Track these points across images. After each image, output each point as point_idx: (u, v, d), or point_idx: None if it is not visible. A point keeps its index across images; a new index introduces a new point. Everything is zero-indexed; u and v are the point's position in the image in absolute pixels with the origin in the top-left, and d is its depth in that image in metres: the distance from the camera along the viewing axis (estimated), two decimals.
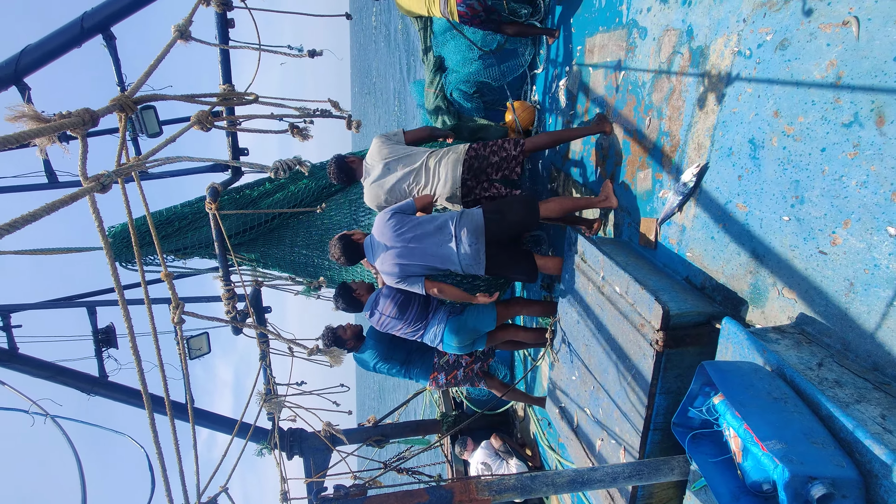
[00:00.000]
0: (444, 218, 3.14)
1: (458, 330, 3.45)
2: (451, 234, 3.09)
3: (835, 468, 1.25)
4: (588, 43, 3.47)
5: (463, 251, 3.08)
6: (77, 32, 4.05)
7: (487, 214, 3.11)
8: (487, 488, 2.07)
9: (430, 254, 3.12)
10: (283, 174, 2.02)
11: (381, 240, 3.16)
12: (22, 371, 4.36)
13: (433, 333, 3.49)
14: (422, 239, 3.11)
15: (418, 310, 3.49)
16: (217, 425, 4.73)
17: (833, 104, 1.73)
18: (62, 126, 0.96)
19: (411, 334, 3.54)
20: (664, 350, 2.14)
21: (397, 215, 3.16)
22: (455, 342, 3.46)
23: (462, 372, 3.87)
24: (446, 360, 3.85)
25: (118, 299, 1.38)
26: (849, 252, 1.68)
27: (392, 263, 3.13)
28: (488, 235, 3.10)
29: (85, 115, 0.98)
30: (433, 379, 3.83)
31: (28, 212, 0.87)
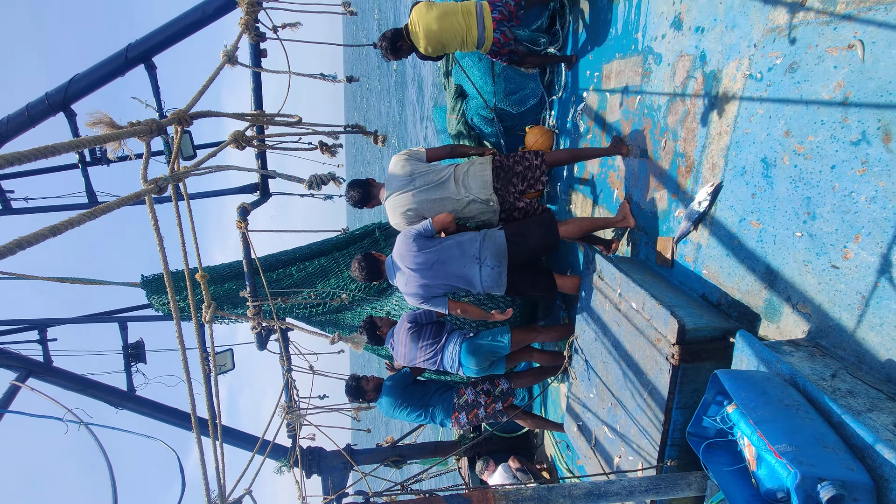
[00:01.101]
0: (467, 239, 3.22)
1: (475, 351, 3.52)
2: (476, 256, 3.17)
3: (845, 471, 1.28)
4: (605, 69, 3.58)
5: (486, 273, 3.16)
6: (122, 62, 4.32)
7: (509, 237, 3.19)
8: (505, 498, 2.10)
9: (454, 275, 3.20)
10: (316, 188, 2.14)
11: (403, 263, 3.23)
12: (54, 383, 4.52)
13: (450, 357, 3.56)
14: (445, 261, 3.19)
15: (432, 334, 3.57)
16: (241, 442, 4.82)
17: (841, 123, 1.79)
18: (133, 133, 1.08)
19: (431, 361, 3.62)
20: (680, 364, 2.17)
21: (419, 239, 3.22)
22: (473, 364, 3.52)
23: (483, 411, 3.88)
24: (465, 400, 3.85)
25: (174, 324, 1.49)
26: (860, 266, 1.72)
27: (416, 285, 3.21)
28: (510, 258, 3.18)
29: (152, 125, 1.11)
30: (455, 419, 3.86)
31: (92, 209, 0.98)
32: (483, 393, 3.86)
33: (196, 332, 1.71)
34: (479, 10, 3.68)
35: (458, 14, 3.64)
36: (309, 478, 5.10)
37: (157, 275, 4.32)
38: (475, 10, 3.68)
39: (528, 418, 4.33)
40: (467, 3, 3.70)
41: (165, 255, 1.27)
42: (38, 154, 0.80)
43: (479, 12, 3.68)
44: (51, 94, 4.15)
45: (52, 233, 0.87)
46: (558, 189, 4.57)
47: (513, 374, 4.06)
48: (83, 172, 4.49)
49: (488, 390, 3.87)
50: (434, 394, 3.92)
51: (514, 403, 4.38)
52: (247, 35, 3.05)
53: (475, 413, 3.83)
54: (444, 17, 3.61)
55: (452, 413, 3.85)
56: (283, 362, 4.05)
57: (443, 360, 3.60)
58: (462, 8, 3.65)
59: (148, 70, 4.38)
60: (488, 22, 3.64)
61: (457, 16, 3.64)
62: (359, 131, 3.11)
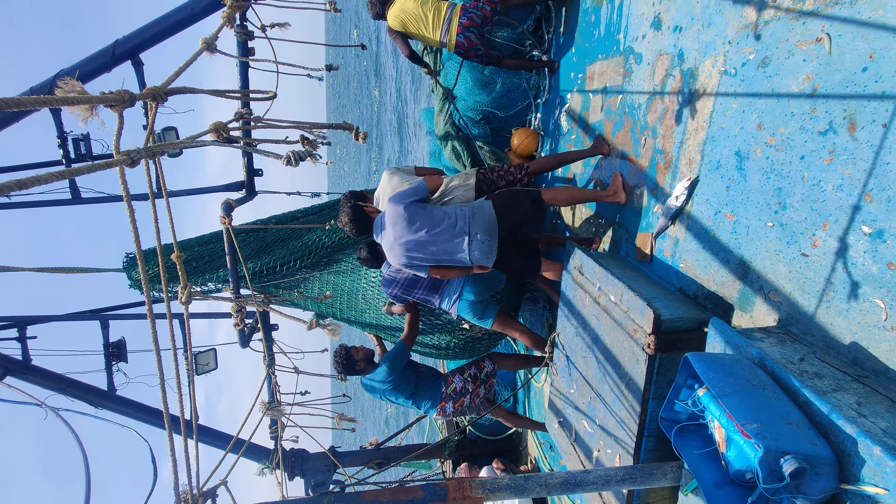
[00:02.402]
0: (455, 213, 3.20)
1: (476, 279, 3.59)
2: (465, 231, 3.16)
3: (808, 445, 1.30)
4: (588, 70, 3.64)
5: (476, 247, 3.15)
6: (108, 59, 4.32)
7: (497, 209, 3.18)
8: (481, 486, 2.10)
9: (441, 250, 3.19)
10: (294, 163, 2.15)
11: (393, 230, 3.20)
12: (34, 382, 4.46)
13: (450, 297, 3.62)
14: (435, 236, 3.16)
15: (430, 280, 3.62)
16: (219, 441, 4.77)
17: (810, 114, 1.84)
18: (104, 100, 1.09)
19: (429, 291, 3.66)
20: (656, 354, 2.19)
21: (411, 206, 3.18)
22: (473, 291, 3.57)
23: (469, 398, 3.90)
24: (453, 389, 3.89)
25: (147, 312, 1.49)
26: (828, 253, 1.76)
27: (401, 254, 3.21)
28: (499, 231, 3.18)
29: (124, 95, 1.12)
30: (441, 409, 3.87)
31: (59, 170, 0.98)
32: (470, 379, 3.88)
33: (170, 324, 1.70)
34: (448, 13, 3.79)
35: (431, 10, 3.80)
36: (291, 480, 5.05)
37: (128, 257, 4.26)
38: (445, 12, 3.80)
39: (511, 417, 4.34)
40: (442, 3, 3.83)
41: (137, 227, 1.27)
42: (1, 105, 0.81)
43: (447, 15, 3.79)
44: (36, 88, 4.14)
45: (18, 186, 0.88)
46: None
47: (496, 356, 4.08)
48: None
49: (475, 375, 3.91)
50: (424, 382, 3.93)
51: (499, 403, 4.39)
52: (228, 28, 3.06)
53: (461, 402, 3.85)
54: (421, 4, 3.83)
55: (440, 402, 3.86)
56: (266, 358, 4.03)
57: (446, 290, 3.64)
58: (436, 6, 3.75)
59: (135, 66, 4.38)
60: (453, 26, 3.78)
61: (429, 9, 3.81)
62: (340, 127, 3.13)
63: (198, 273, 4.28)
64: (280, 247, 4.37)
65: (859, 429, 1.29)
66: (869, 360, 1.60)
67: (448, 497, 2.08)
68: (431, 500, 2.09)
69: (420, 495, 2.09)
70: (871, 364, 1.60)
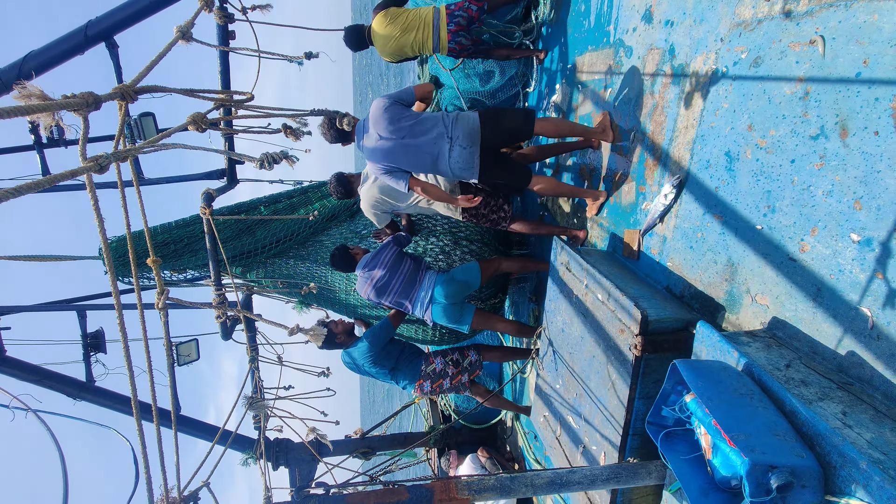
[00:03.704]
0: (440, 117, 3.10)
1: (448, 281, 3.56)
2: (447, 135, 3.04)
3: (795, 458, 1.30)
4: (578, 61, 3.59)
5: (456, 154, 3.04)
6: (81, 40, 4.14)
7: (483, 119, 3.06)
8: (467, 487, 2.10)
9: (423, 152, 3.07)
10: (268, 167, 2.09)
11: (375, 129, 3.08)
12: (8, 374, 4.35)
13: (425, 291, 3.58)
14: (417, 136, 3.04)
15: (411, 266, 3.59)
16: (201, 433, 4.72)
17: (802, 118, 1.82)
18: (66, 105, 1.02)
19: (402, 295, 3.61)
20: (643, 355, 2.19)
21: (395, 105, 3.06)
22: (444, 295, 3.53)
23: (448, 382, 3.89)
24: (433, 369, 3.88)
25: (114, 303, 1.42)
26: (816, 258, 1.75)
27: (382, 156, 3.11)
28: (483, 141, 3.05)
29: (88, 98, 1.05)
30: (419, 386, 3.86)
31: (17, 185, 0.92)
32: (451, 363, 3.87)
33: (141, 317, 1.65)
34: (435, 21, 3.70)
35: (414, 30, 3.73)
36: (276, 469, 5.03)
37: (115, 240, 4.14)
38: (432, 21, 3.70)
39: (494, 400, 4.34)
40: (424, 14, 3.71)
41: (107, 238, 1.21)
42: None
43: (435, 23, 3.70)
44: (4, 70, 3.96)
45: None
46: None
47: (482, 347, 4.07)
48: (39, 153, 4.31)
49: (457, 360, 3.90)
50: (405, 358, 3.90)
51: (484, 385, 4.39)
52: (206, 12, 2.94)
53: (440, 383, 3.83)
54: (401, 36, 3.74)
55: (417, 380, 3.84)
56: (249, 352, 3.97)
57: (417, 294, 3.61)
58: (418, 21, 3.65)
59: (109, 49, 4.21)
60: (443, 34, 3.73)
61: (412, 32, 3.73)
62: (323, 114, 3.05)
63: (176, 257, 4.19)
64: (262, 228, 4.29)
65: (845, 441, 1.29)
66: (854, 368, 1.61)
67: (434, 498, 2.08)
68: (417, 501, 2.08)
69: (406, 497, 2.08)
70: (855, 371, 1.60)
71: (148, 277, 4.29)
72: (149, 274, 4.26)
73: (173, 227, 4.13)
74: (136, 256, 1.80)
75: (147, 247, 1.80)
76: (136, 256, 1.70)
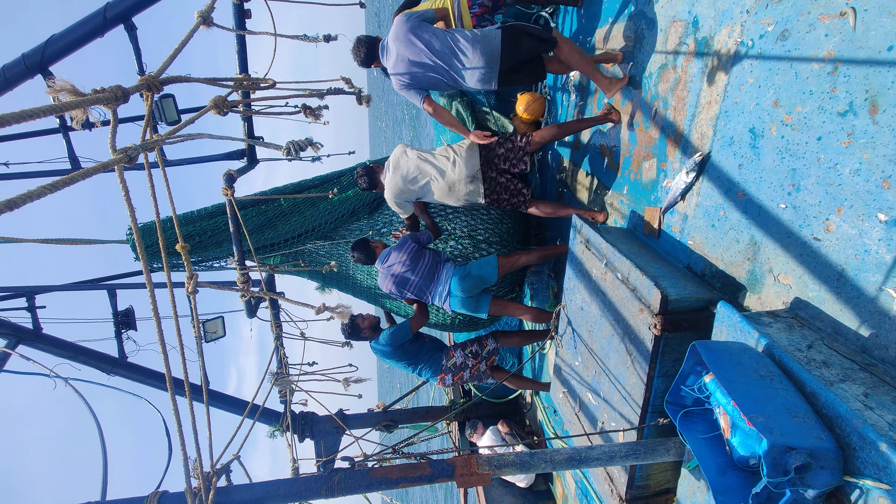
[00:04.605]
0: (460, 36, 3.13)
1: (464, 276, 3.62)
2: (466, 55, 3.09)
3: (813, 440, 1.31)
4: (598, 34, 3.50)
5: (475, 72, 3.10)
6: (100, 22, 4.17)
7: (504, 42, 3.08)
8: (488, 463, 2.15)
9: (441, 66, 3.13)
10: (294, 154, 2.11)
11: (395, 45, 3.16)
12: (46, 350, 4.53)
13: (442, 284, 3.64)
14: (436, 51, 3.10)
15: (430, 261, 3.64)
16: (230, 406, 4.88)
17: (830, 93, 1.77)
18: (97, 100, 1.05)
19: (421, 289, 3.67)
20: (662, 334, 2.19)
21: (415, 21, 3.13)
22: (461, 289, 3.59)
23: (469, 373, 3.99)
24: (453, 363, 3.98)
25: (145, 282, 1.47)
26: (841, 238, 1.73)
27: (403, 71, 3.17)
28: (501, 65, 3.10)
29: (117, 91, 1.08)
30: (440, 379, 4.00)
31: (53, 181, 0.96)
32: (471, 355, 3.96)
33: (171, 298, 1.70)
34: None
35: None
36: (302, 441, 5.20)
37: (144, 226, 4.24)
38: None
39: (514, 379, 4.42)
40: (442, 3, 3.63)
41: (138, 226, 1.25)
42: None
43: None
44: (27, 55, 4.02)
45: (9, 207, 0.85)
46: (548, 158, 4.53)
47: (500, 334, 4.12)
48: (65, 137, 4.39)
49: (476, 352, 3.99)
50: (426, 353, 4.02)
51: (503, 367, 4.46)
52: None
53: (461, 375, 3.94)
54: None
55: (439, 374, 3.96)
56: (273, 329, 4.07)
57: (435, 288, 3.67)
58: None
59: (128, 31, 4.24)
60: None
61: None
62: (341, 92, 3.05)
63: (201, 249, 4.28)
64: (283, 222, 4.35)
65: (866, 423, 1.30)
66: (878, 349, 1.60)
67: (455, 473, 2.14)
68: (439, 476, 2.14)
69: (428, 472, 2.15)
70: (879, 353, 1.59)
71: (177, 264, 4.39)
72: (177, 260, 4.36)
73: (196, 219, 4.20)
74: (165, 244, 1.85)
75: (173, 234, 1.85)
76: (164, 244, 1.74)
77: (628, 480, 2.52)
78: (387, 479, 2.12)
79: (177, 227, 1.65)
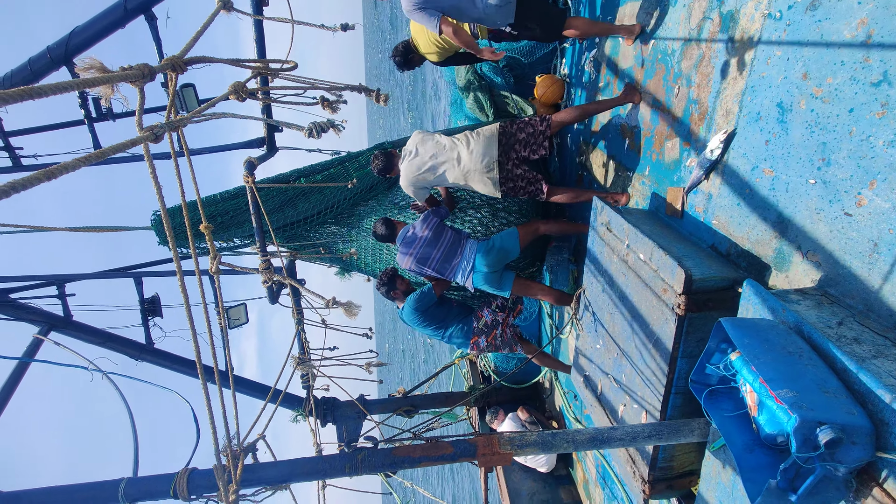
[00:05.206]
0: None
1: (489, 250, 3.61)
2: None
3: (845, 415, 1.29)
4: (619, 12, 3.43)
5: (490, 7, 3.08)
6: (121, 14, 4.23)
7: None
8: (510, 443, 2.16)
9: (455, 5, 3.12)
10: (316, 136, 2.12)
11: None
12: (76, 337, 4.66)
13: (463, 270, 3.64)
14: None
15: (452, 237, 3.65)
16: (253, 391, 4.98)
17: (862, 63, 1.71)
18: (124, 77, 1.06)
19: (442, 265, 3.66)
20: (686, 314, 2.17)
21: None
22: (485, 263, 3.59)
23: (500, 330, 3.98)
24: (484, 323, 3.99)
25: (173, 258, 1.50)
26: (874, 213, 1.68)
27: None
28: None
29: (144, 69, 1.09)
30: (474, 343, 3.98)
31: (86, 154, 0.97)
32: (499, 309, 3.98)
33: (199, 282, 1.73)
34: None
35: None
36: (324, 426, 5.28)
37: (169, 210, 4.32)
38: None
39: (540, 357, 4.42)
40: None
41: (164, 204, 1.27)
42: (23, 94, 0.79)
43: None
44: (52, 47, 4.09)
45: (47, 176, 0.87)
46: (568, 140, 4.48)
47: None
48: (90, 128, 4.48)
49: (503, 304, 4.03)
50: (454, 317, 4.05)
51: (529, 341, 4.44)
52: None
53: (494, 334, 3.94)
54: None
55: (472, 337, 3.97)
56: (295, 315, 4.12)
57: (459, 264, 3.67)
58: None
59: (148, 21, 4.30)
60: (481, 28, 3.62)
61: None
62: (361, 90, 3.05)
63: (223, 229, 4.34)
64: (303, 200, 4.38)
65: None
66: None
67: (477, 453, 2.15)
68: (461, 455, 2.16)
69: (450, 451, 2.16)
70: None
71: (201, 247, 4.46)
72: (201, 242, 4.43)
73: (218, 200, 4.25)
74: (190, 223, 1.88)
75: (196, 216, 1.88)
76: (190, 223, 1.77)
77: (651, 462, 2.51)
78: (409, 458, 2.14)
79: (200, 208, 1.67)
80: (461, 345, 4.03)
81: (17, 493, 1.90)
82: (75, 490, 1.93)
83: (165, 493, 1.97)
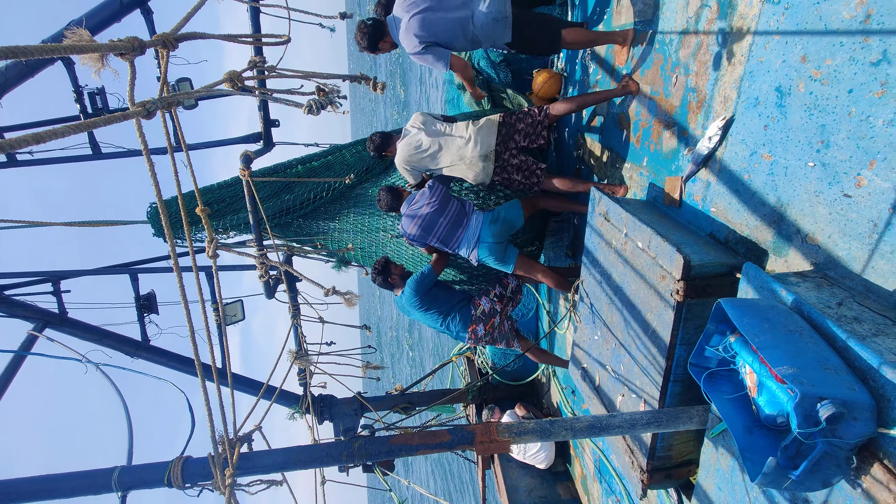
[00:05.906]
0: None
1: (494, 220, 3.60)
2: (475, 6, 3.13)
3: (846, 391, 1.27)
4: (616, 4, 3.43)
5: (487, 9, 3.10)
6: (117, 8, 4.22)
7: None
8: (507, 430, 2.14)
9: (450, 19, 3.14)
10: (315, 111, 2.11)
11: (398, 12, 3.21)
12: (71, 334, 4.63)
13: (469, 241, 3.62)
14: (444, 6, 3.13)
15: (458, 207, 3.64)
16: (248, 388, 4.95)
17: (861, 44, 1.70)
18: (114, 48, 1.05)
19: (447, 234, 3.64)
20: (685, 300, 2.15)
21: None
22: (491, 234, 3.58)
23: (499, 319, 3.94)
24: (482, 311, 3.95)
25: (172, 264, 1.48)
26: (873, 193, 1.67)
27: (417, 28, 3.17)
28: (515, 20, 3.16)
29: (134, 42, 1.08)
30: (472, 331, 3.93)
31: (77, 123, 0.96)
32: (497, 298, 3.93)
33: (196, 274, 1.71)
34: None
35: None
36: (321, 423, 5.25)
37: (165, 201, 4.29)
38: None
39: (535, 352, 4.39)
40: None
41: (157, 180, 1.25)
42: (7, 53, 0.77)
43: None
44: (47, 41, 4.08)
45: (36, 140, 0.85)
46: (565, 134, 4.47)
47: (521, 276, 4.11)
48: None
49: (501, 294, 3.98)
50: (456, 301, 4.00)
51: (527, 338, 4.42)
52: None
53: (492, 323, 3.91)
54: None
55: (470, 325, 3.93)
56: (291, 309, 4.10)
57: (463, 235, 3.64)
58: None
59: (144, 15, 4.28)
60: None
61: None
62: (356, 79, 3.03)
63: (219, 216, 4.31)
64: (300, 185, 4.36)
65: None
66: None
67: (475, 440, 2.13)
68: (459, 443, 2.14)
69: (448, 439, 2.14)
70: None
71: (197, 237, 4.43)
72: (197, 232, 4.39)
73: (215, 188, 4.23)
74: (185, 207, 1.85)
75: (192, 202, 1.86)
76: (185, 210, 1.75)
77: (649, 451, 2.49)
78: (406, 446, 2.12)
79: (196, 190, 1.65)
80: (459, 332, 3.98)
81: (9, 481, 1.87)
82: (68, 478, 1.90)
83: (160, 482, 1.94)
